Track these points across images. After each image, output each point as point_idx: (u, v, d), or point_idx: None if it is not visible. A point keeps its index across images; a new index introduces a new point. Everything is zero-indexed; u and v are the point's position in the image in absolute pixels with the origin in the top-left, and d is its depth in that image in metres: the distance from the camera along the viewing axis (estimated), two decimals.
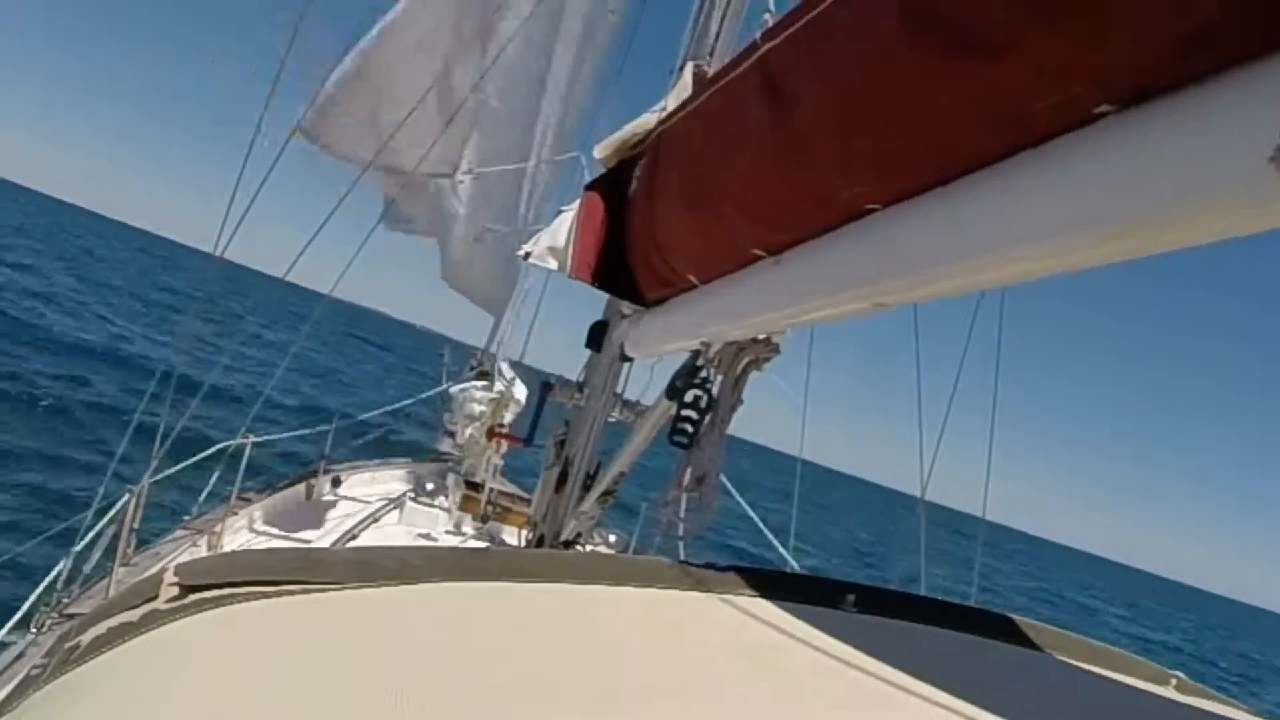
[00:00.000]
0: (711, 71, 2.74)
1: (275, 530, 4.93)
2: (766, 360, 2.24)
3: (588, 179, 2.98)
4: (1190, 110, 0.83)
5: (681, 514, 2.29)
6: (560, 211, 2.80)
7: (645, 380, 3.41)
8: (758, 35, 1.70)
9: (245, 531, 4.69)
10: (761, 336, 2.18)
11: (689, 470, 2.24)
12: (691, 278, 2.15)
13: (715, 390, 2.32)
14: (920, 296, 1.39)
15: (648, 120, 2.54)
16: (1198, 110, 0.82)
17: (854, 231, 1.42)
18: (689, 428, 2.33)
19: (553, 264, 2.73)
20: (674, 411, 2.39)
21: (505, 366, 6.95)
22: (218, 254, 4.50)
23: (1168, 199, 0.84)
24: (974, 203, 1.13)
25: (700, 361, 2.34)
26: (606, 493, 3.29)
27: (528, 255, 2.77)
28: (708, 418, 2.30)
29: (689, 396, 2.35)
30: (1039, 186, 1.02)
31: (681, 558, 2.23)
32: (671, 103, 2.48)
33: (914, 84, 1.15)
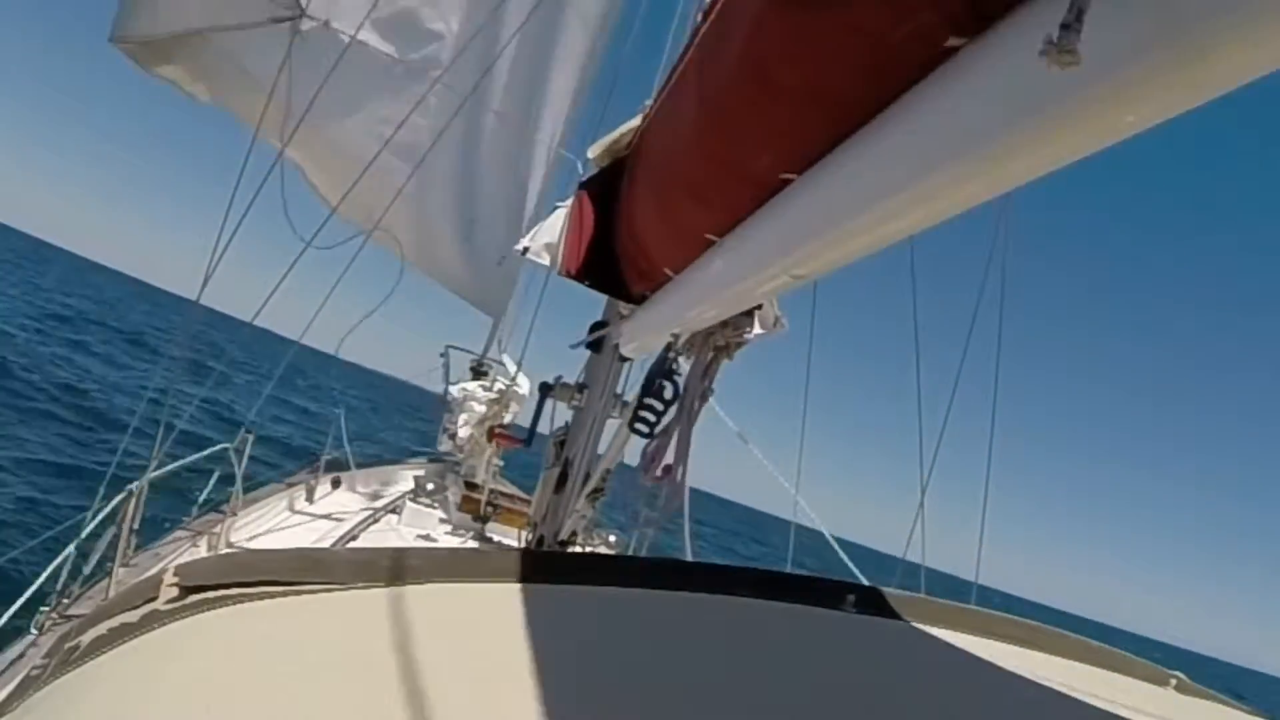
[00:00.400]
0: None
1: (275, 530, 4.93)
2: (738, 347, 2.25)
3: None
4: (1024, 26, 0.83)
5: (658, 503, 2.31)
6: (555, 207, 2.81)
7: (634, 379, 3.43)
8: (698, 17, 1.74)
9: (245, 531, 4.69)
10: (732, 321, 2.18)
11: (656, 460, 2.25)
12: (667, 270, 2.18)
13: (682, 381, 2.34)
14: (828, 262, 1.41)
15: (637, 119, 2.56)
16: (1029, 25, 0.82)
17: (774, 204, 1.46)
18: (650, 416, 2.34)
19: (546, 259, 2.74)
20: (637, 402, 2.40)
21: (508, 359, 6.91)
22: (198, 300, 4.49)
23: (1013, 122, 0.85)
24: (860, 159, 1.16)
25: (671, 354, 2.36)
26: (596, 490, 3.29)
27: (525, 250, 2.78)
28: (674, 407, 2.31)
29: (656, 387, 2.37)
30: (911, 131, 1.04)
31: (688, 558, 2.23)
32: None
33: (787, 46, 1.18)
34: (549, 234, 2.75)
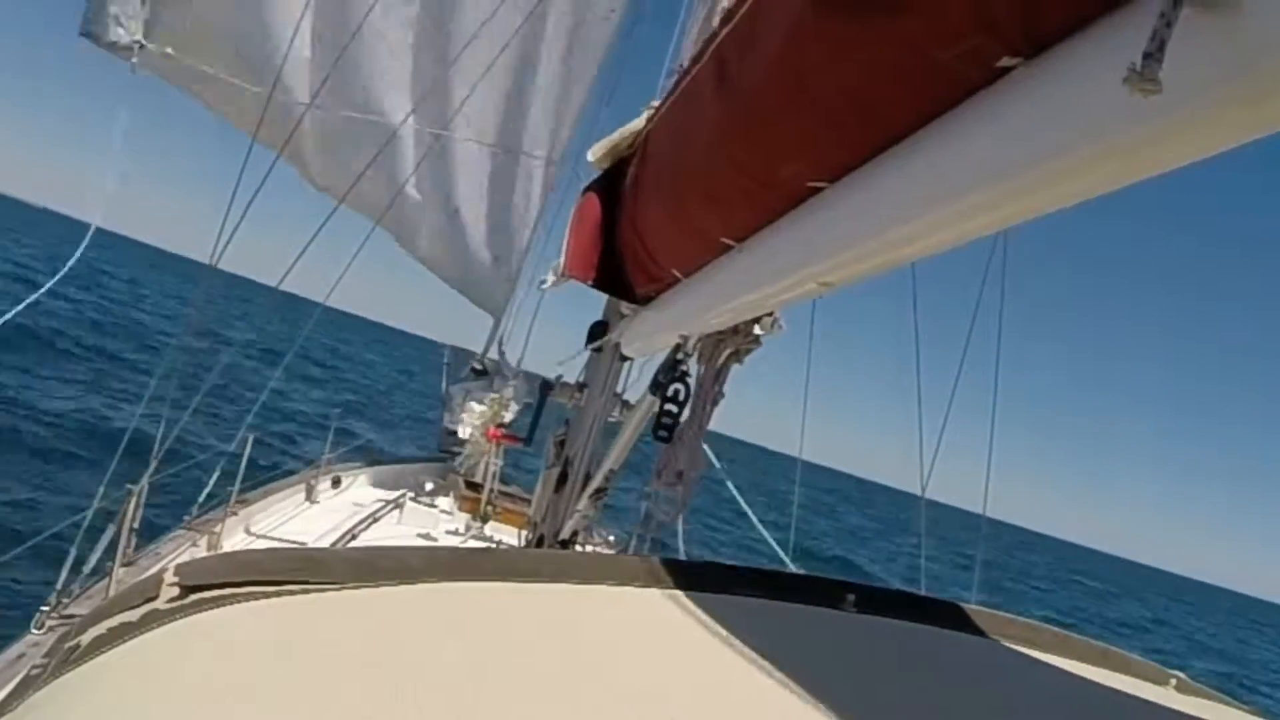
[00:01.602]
0: None
1: (275, 530, 4.93)
2: (748, 352, 2.24)
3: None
4: (1088, 51, 0.83)
5: (661, 506, 2.31)
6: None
7: (633, 378, 3.44)
8: (715, 22, 1.73)
9: (245, 531, 4.70)
10: (743, 326, 2.18)
11: (668, 465, 2.25)
12: (675, 272, 2.17)
13: (694, 383, 2.34)
14: (860, 272, 1.40)
15: (639, 121, 2.57)
16: (1094, 50, 0.82)
17: (802, 211, 1.45)
18: (671, 421, 2.34)
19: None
20: (657, 407, 2.41)
21: (508, 364, 6.93)
22: (213, 263, 4.51)
23: (1075, 145, 0.85)
24: (901, 171, 1.14)
25: (680, 355, 2.36)
26: (599, 491, 3.30)
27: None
28: (686, 411, 2.31)
29: (670, 391, 2.37)
30: (959, 148, 1.03)
31: (683, 557, 2.23)
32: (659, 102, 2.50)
33: (828, 54, 1.17)
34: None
